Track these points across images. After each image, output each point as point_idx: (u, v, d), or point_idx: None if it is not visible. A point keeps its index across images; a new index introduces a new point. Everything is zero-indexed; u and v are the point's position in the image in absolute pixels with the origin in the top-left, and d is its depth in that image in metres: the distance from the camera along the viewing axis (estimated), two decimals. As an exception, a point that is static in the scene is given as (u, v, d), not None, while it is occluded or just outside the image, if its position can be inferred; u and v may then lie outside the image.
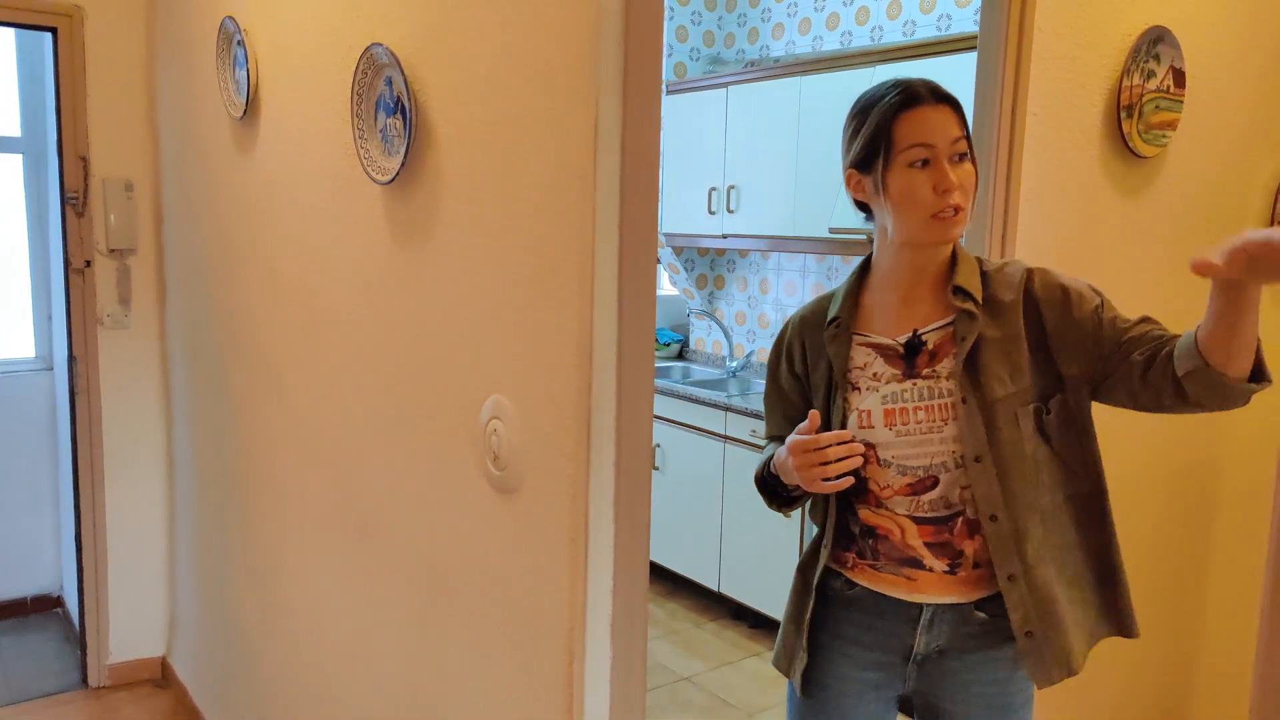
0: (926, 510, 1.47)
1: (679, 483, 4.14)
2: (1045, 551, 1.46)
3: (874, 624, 1.53)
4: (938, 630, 1.50)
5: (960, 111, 1.44)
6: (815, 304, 1.62)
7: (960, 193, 1.41)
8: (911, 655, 1.52)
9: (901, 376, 1.48)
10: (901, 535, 1.48)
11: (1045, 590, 1.45)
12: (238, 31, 2.27)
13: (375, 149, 1.76)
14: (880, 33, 3.98)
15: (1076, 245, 2.07)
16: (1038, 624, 1.45)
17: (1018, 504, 1.44)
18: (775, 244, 4.08)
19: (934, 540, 1.47)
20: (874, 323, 1.53)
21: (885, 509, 1.49)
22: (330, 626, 2.14)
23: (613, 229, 1.32)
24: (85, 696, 3.26)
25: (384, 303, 1.81)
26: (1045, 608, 1.45)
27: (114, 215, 3.09)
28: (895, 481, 1.47)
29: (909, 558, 1.49)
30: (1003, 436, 1.43)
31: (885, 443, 1.47)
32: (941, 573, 1.48)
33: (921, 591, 1.49)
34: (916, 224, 1.43)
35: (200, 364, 2.87)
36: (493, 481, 1.54)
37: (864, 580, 1.53)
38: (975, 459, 1.43)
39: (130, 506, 3.27)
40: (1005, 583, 1.45)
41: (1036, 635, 1.45)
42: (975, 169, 1.45)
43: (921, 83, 1.44)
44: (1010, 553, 1.44)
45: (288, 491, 2.30)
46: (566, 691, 1.41)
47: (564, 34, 1.32)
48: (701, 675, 3.57)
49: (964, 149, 1.43)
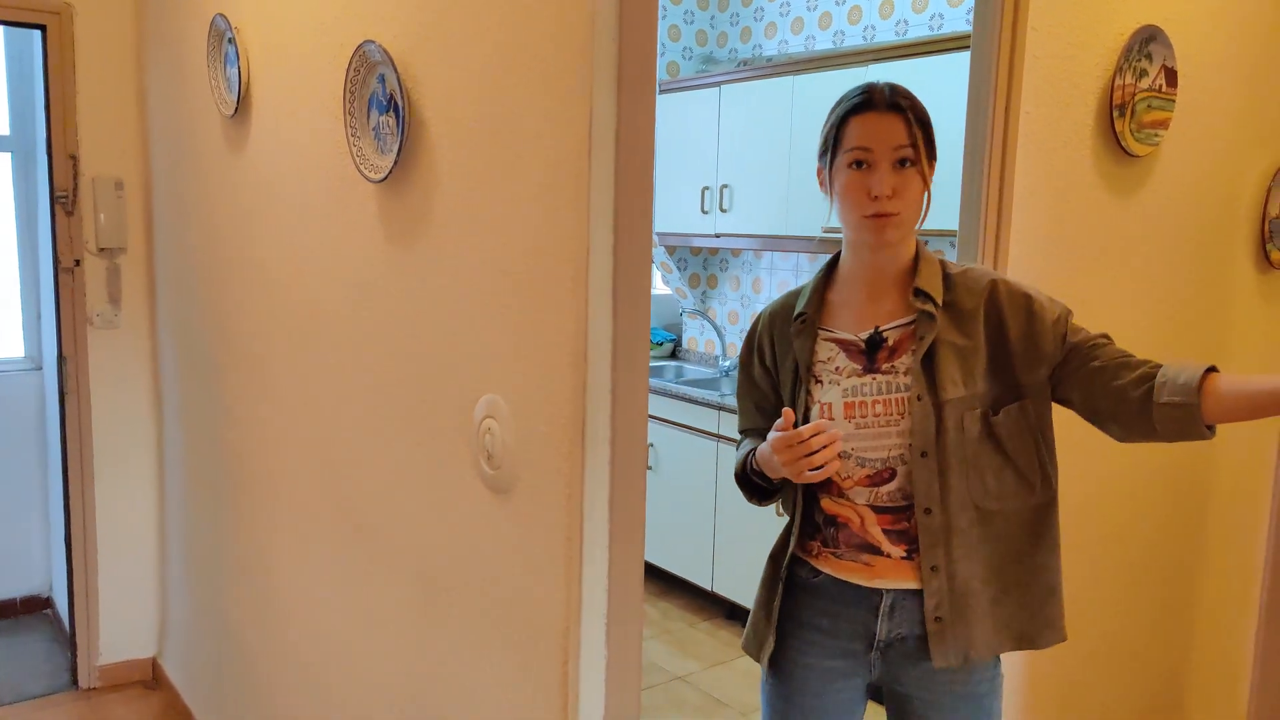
0: (885, 500, 1.53)
1: (672, 482, 4.14)
2: (977, 550, 1.52)
3: (838, 611, 1.58)
4: (898, 618, 1.54)
5: (913, 120, 1.48)
6: (784, 299, 1.68)
7: (897, 199, 1.46)
8: (874, 642, 1.57)
9: (862, 371, 1.54)
10: (861, 523, 1.54)
11: (965, 584, 1.51)
12: (229, 29, 2.26)
13: (368, 147, 1.75)
14: (873, 32, 3.99)
15: (1069, 243, 2.07)
16: (948, 612, 1.51)
17: (953, 501, 1.50)
18: (768, 243, 4.08)
19: (892, 528, 1.53)
20: (838, 318, 1.59)
21: (845, 499, 1.55)
22: (324, 626, 2.13)
23: (607, 227, 1.31)
24: (75, 698, 3.24)
25: (377, 301, 1.81)
26: (960, 600, 1.51)
27: (104, 214, 3.07)
28: (855, 473, 1.53)
29: (867, 544, 1.55)
30: (948, 436, 1.49)
31: (845, 435, 1.52)
32: (899, 558, 1.53)
33: (879, 576, 1.54)
34: (852, 223, 1.52)
35: (191, 363, 2.86)
36: (487, 481, 1.53)
37: (827, 568, 1.58)
38: (922, 454, 1.50)
39: (120, 507, 3.25)
40: (927, 572, 1.51)
41: (945, 621, 1.52)
42: (924, 178, 1.48)
43: (883, 89, 1.50)
44: (937, 545, 1.50)
45: (281, 491, 2.29)
46: (562, 691, 1.41)
47: (558, 32, 1.32)
48: (695, 675, 3.57)
49: (907, 155, 1.47)
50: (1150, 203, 2.21)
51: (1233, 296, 2.47)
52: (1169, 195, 2.24)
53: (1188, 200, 2.29)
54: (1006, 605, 1.55)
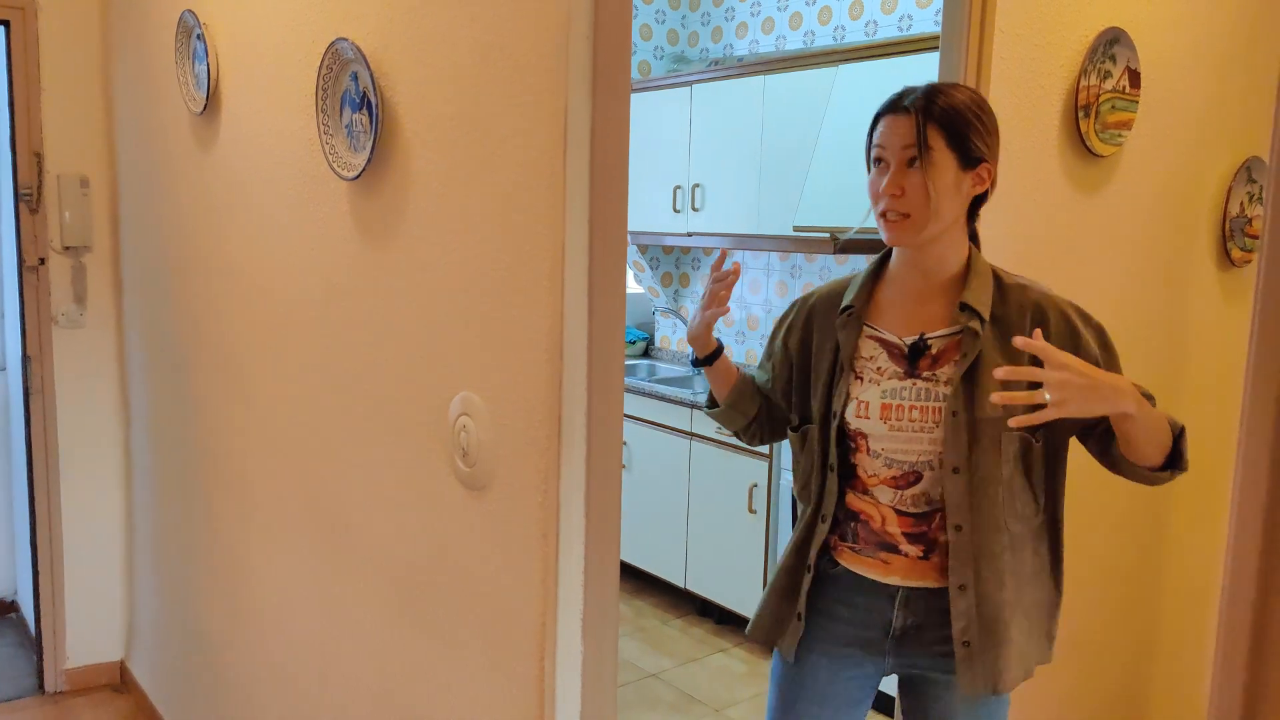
0: (909, 505, 1.53)
1: (645, 480, 4.15)
2: (1007, 575, 1.51)
3: (854, 600, 1.60)
4: (914, 607, 1.57)
5: (921, 121, 1.45)
6: (831, 287, 1.67)
7: (904, 200, 1.46)
8: (890, 630, 1.58)
9: (903, 375, 1.53)
10: (882, 522, 1.55)
11: (994, 610, 1.50)
12: (197, 25, 2.24)
13: (341, 145, 1.74)
14: (843, 32, 4.02)
15: (1037, 242, 2.10)
16: (977, 637, 1.50)
17: (983, 520, 1.49)
18: (739, 242, 4.10)
19: (912, 531, 1.54)
20: (885, 317, 1.58)
21: (870, 495, 1.56)
22: (297, 627, 2.12)
23: (583, 225, 1.32)
24: (42, 702, 3.20)
25: (350, 299, 1.80)
26: (989, 625, 1.50)
27: (69, 212, 3.03)
28: (882, 472, 1.54)
29: (885, 543, 1.55)
30: (983, 455, 1.48)
31: (877, 435, 1.53)
32: (915, 558, 1.54)
33: (894, 574, 1.56)
34: (877, 220, 1.53)
35: (160, 363, 2.83)
36: (462, 479, 1.53)
37: (845, 561, 1.61)
38: (954, 469, 1.48)
39: (87, 508, 3.21)
40: (955, 591, 1.50)
41: (973, 647, 1.50)
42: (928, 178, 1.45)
43: (913, 90, 1.50)
44: (967, 563, 1.50)
45: (253, 491, 2.28)
46: (538, 688, 1.41)
47: (533, 31, 1.32)
48: (669, 672, 3.58)
49: (913, 155, 1.46)
50: (1114, 202, 2.25)
51: (1194, 294, 2.52)
52: (1132, 194, 2.28)
53: (1151, 199, 2.34)
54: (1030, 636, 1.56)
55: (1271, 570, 0.59)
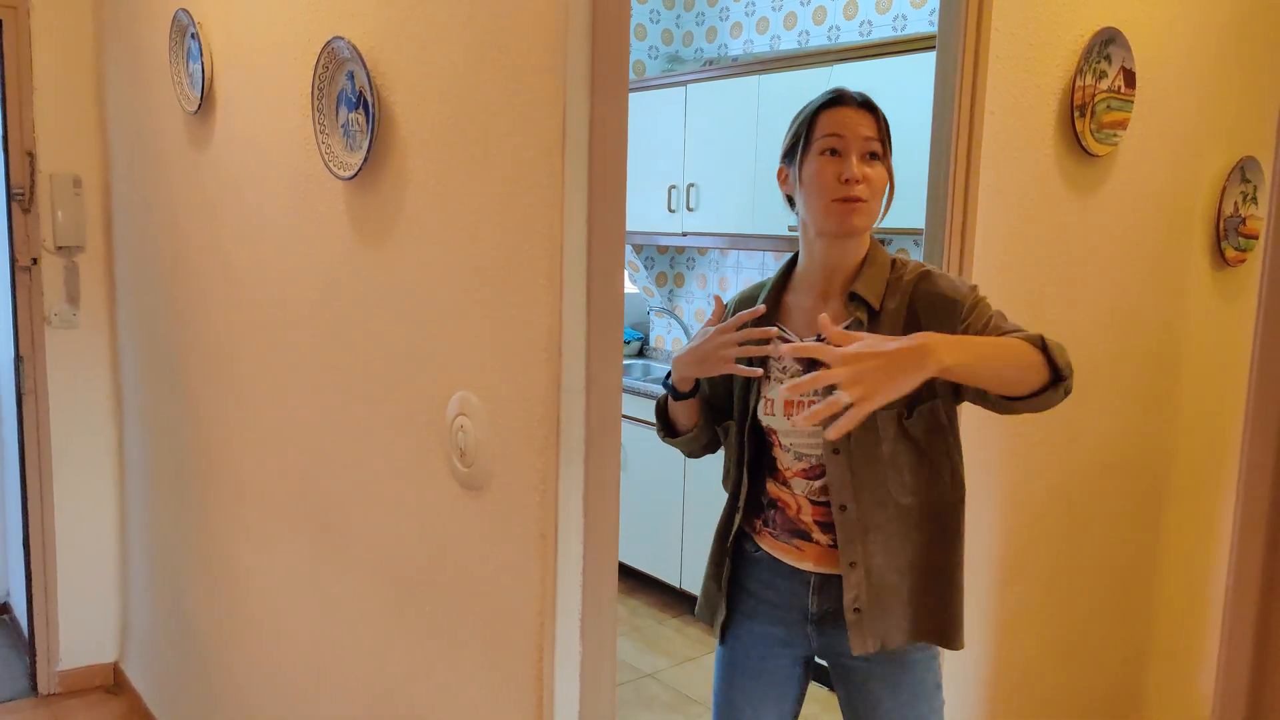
0: (818, 495, 1.61)
1: (640, 480, 4.14)
2: (893, 545, 1.57)
3: (775, 582, 1.67)
4: (827, 593, 1.62)
5: (881, 122, 1.56)
6: (751, 291, 1.74)
7: (866, 187, 1.52)
8: (808, 615, 1.64)
9: (802, 371, 1.60)
10: (797, 510, 1.63)
11: (881, 577, 1.57)
12: (191, 24, 2.23)
13: (337, 144, 1.74)
14: (837, 32, 4.02)
15: (1033, 241, 2.11)
16: (866, 604, 1.57)
17: (866, 497, 1.56)
18: (734, 242, 4.10)
19: (824, 519, 1.61)
20: (791, 319, 1.66)
21: (787, 486, 1.64)
22: (293, 628, 2.11)
23: (581, 224, 1.32)
24: (35, 705, 3.18)
25: (346, 299, 1.79)
26: (876, 593, 1.57)
27: (61, 212, 3.02)
28: (793, 465, 1.63)
29: (799, 530, 1.63)
30: (857, 436, 1.54)
31: (784, 430, 1.61)
32: (826, 546, 1.61)
33: (807, 560, 1.63)
34: (820, 209, 1.54)
35: (154, 364, 2.82)
36: (460, 479, 1.53)
37: (765, 545, 1.68)
38: (834, 451, 1.56)
39: (80, 509, 3.19)
40: (846, 568, 1.57)
41: (862, 612, 1.58)
42: (890, 176, 1.56)
43: (851, 90, 1.58)
44: (855, 541, 1.57)
45: (248, 492, 2.27)
46: (536, 688, 1.41)
47: (531, 29, 1.32)
48: (665, 671, 3.58)
49: (875, 149, 1.54)
50: (1110, 201, 2.25)
51: (1189, 293, 2.53)
52: (1127, 194, 2.29)
53: (1146, 199, 2.34)
54: (925, 598, 1.60)
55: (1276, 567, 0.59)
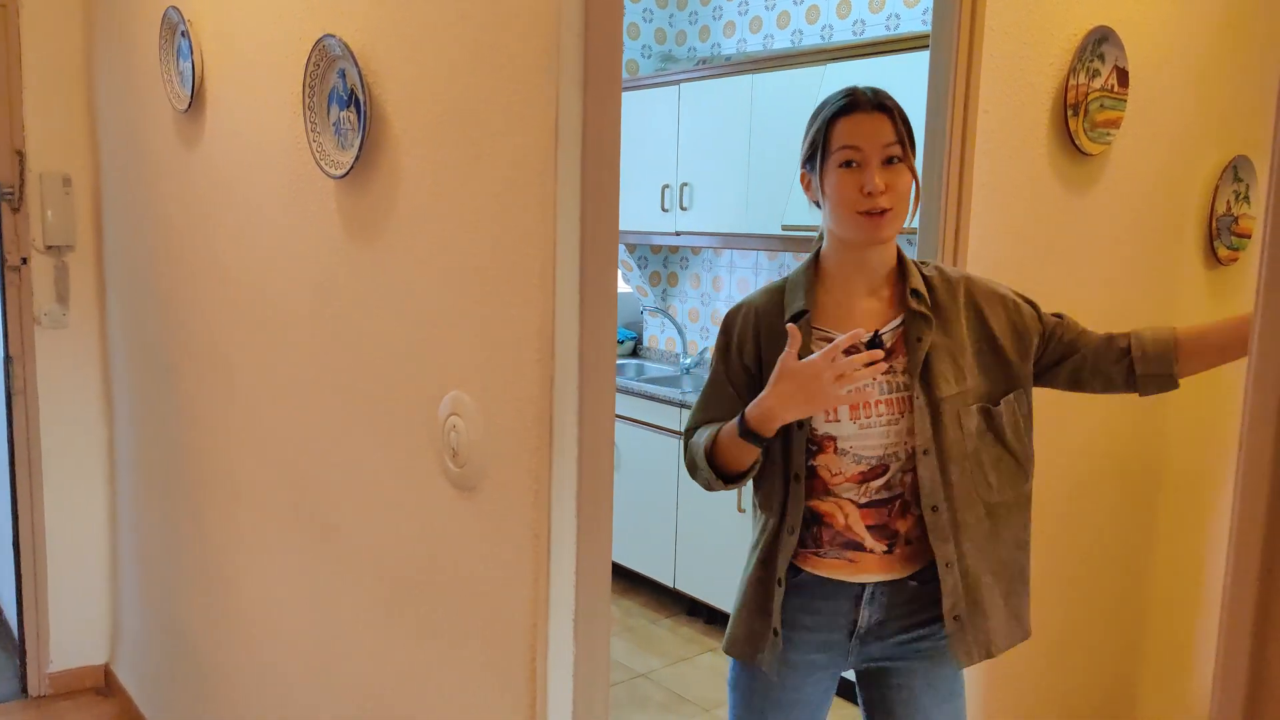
0: (871, 495, 1.55)
1: (634, 479, 4.14)
2: (983, 545, 1.55)
3: (818, 606, 1.60)
4: (879, 602, 1.58)
5: (898, 120, 1.51)
6: (768, 295, 1.64)
7: (890, 195, 1.49)
8: (854, 630, 1.60)
9: None
10: (845, 520, 1.56)
11: (975, 579, 1.54)
12: (182, 22, 2.22)
13: (328, 143, 1.73)
14: (830, 31, 4.02)
15: (1027, 240, 2.11)
16: (965, 610, 1.54)
17: (957, 497, 1.53)
18: (728, 241, 4.10)
19: (875, 523, 1.56)
20: (829, 318, 1.58)
21: (832, 495, 1.56)
22: (285, 629, 2.10)
23: (574, 223, 1.31)
24: (25, 707, 3.16)
25: (338, 298, 1.78)
26: (973, 595, 1.54)
27: (51, 211, 3.00)
28: (849, 469, 1.54)
29: (850, 541, 1.56)
30: (947, 433, 1.51)
31: (847, 434, 1.53)
32: (881, 553, 1.56)
33: (862, 572, 1.57)
34: (845, 222, 1.52)
35: (145, 364, 2.80)
36: (452, 479, 1.52)
37: (807, 567, 1.59)
38: (924, 452, 1.52)
39: (70, 510, 3.17)
40: (943, 569, 1.53)
41: (963, 619, 1.54)
42: (914, 174, 1.52)
43: (867, 90, 1.53)
44: (948, 542, 1.53)
45: (240, 492, 2.26)
46: (530, 688, 1.40)
47: (523, 28, 1.31)
48: (658, 671, 3.58)
49: (896, 154, 1.50)
50: (1103, 200, 2.25)
51: (1181, 292, 2.53)
52: (1121, 193, 2.29)
53: (1139, 198, 2.34)
54: (1015, 597, 1.59)
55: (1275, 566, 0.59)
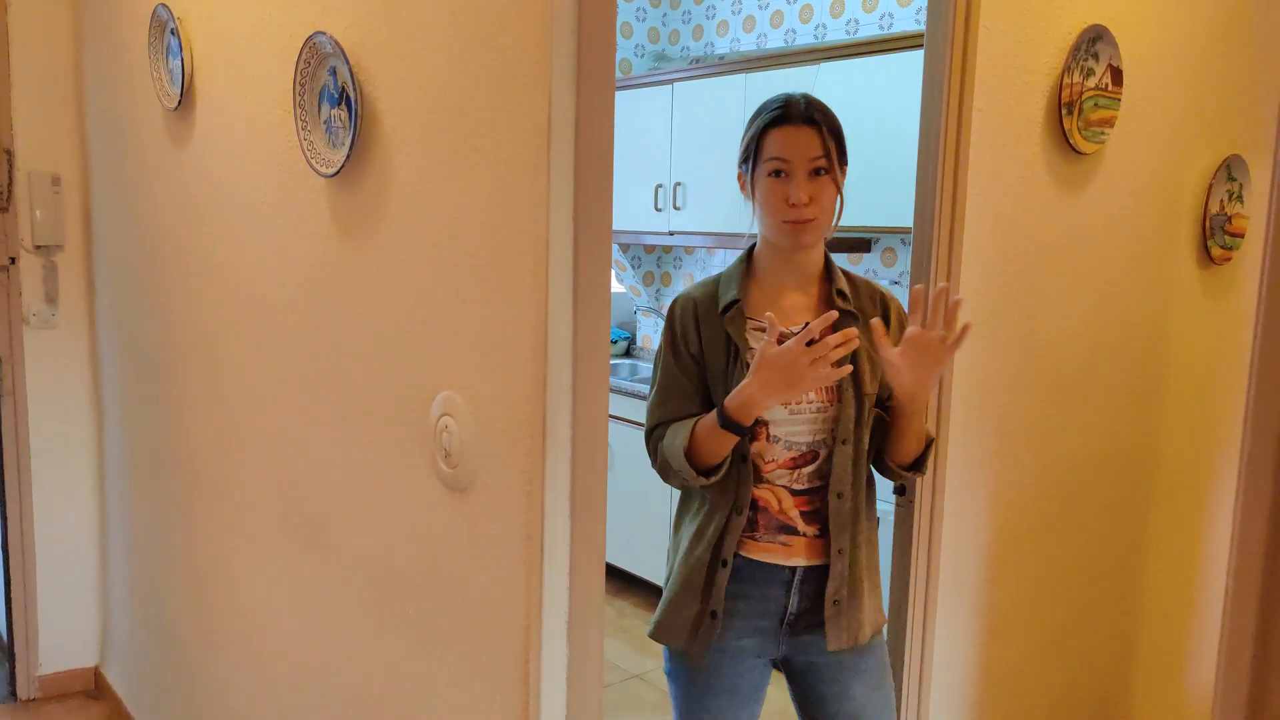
0: (805, 482, 1.62)
1: (627, 480, 4.13)
2: (868, 539, 1.66)
3: (750, 592, 1.64)
4: (807, 588, 1.64)
5: (826, 134, 1.57)
6: (703, 288, 1.71)
7: (814, 206, 1.57)
8: (785, 616, 1.65)
9: None
10: (779, 505, 1.63)
11: (856, 569, 1.64)
12: (171, 19, 2.20)
13: (319, 141, 1.71)
14: (824, 31, 4.02)
15: (1020, 238, 2.10)
16: (845, 596, 1.62)
17: (859, 489, 1.64)
18: (721, 241, 4.09)
19: (807, 509, 1.62)
20: (760, 311, 1.66)
21: (766, 482, 1.63)
22: (276, 631, 2.08)
23: (567, 222, 1.30)
24: (14, 710, 3.14)
25: (329, 298, 1.77)
26: (853, 585, 1.64)
27: (40, 210, 2.98)
28: (780, 455, 1.61)
29: (784, 525, 1.63)
30: (862, 428, 1.63)
31: (778, 420, 1.60)
32: (812, 537, 1.63)
33: (794, 555, 1.63)
34: (773, 227, 1.62)
35: (134, 364, 2.78)
36: (444, 480, 1.51)
37: (743, 551, 1.64)
38: (843, 441, 1.60)
39: (59, 512, 3.15)
40: (835, 554, 1.61)
41: (841, 604, 1.62)
42: (838, 187, 1.59)
43: (799, 101, 1.60)
44: (846, 529, 1.61)
45: (230, 493, 2.24)
46: (523, 690, 1.39)
47: (516, 25, 1.30)
48: (653, 673, 3.57)
49: (822, 165, 1.57)
50: (1097, 199, 2.25)
51: (1175, 291, 2.53)
52: (1114, 192, 2.29)
53: (1132, 197, 2.34)
54: (875, 591, 1.69)
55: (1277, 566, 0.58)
